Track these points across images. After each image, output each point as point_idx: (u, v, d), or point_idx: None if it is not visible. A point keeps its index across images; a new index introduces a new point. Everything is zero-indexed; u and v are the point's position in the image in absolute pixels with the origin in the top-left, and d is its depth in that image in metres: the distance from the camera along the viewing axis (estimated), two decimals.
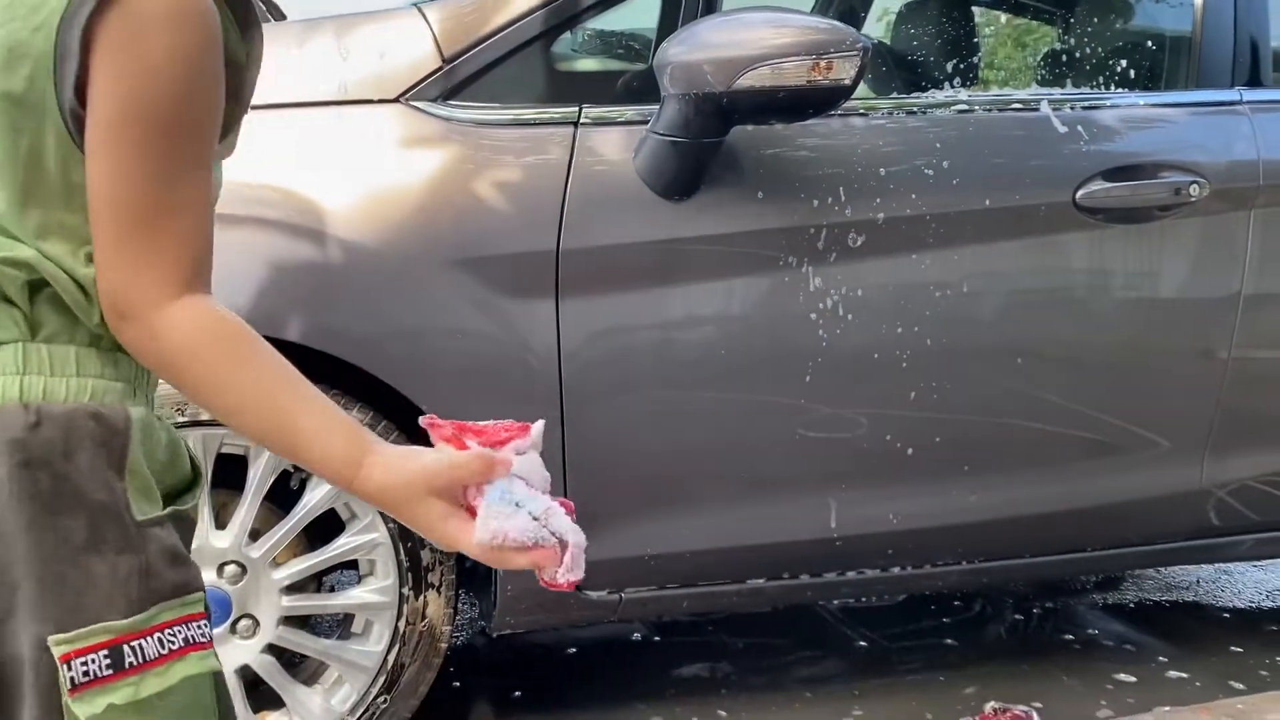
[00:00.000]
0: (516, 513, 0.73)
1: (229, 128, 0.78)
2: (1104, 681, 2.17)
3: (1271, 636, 2.44)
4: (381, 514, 1.67)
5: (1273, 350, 2.04)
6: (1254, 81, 2.01)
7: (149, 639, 0.75)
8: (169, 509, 0.79)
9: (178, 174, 0.72)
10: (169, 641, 0.76)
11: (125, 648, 0.73)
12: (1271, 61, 2.03)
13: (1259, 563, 2.75)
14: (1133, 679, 2.18)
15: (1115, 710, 2.04)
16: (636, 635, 2.36)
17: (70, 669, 0.71)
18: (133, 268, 0.71)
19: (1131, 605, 2.61)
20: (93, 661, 0.72)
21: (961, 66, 2.29)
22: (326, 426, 0.75)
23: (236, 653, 1.68)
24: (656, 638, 2.35)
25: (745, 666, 2.22)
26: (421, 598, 1.71)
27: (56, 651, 0.71)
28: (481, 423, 0.77)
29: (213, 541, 1.64)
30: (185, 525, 0.82)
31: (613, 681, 2.18)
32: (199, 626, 0.78)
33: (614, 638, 2.33)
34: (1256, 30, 2.01)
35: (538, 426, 0.78)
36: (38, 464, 0.72)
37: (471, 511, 0.75)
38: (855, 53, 1.53)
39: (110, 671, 0.73)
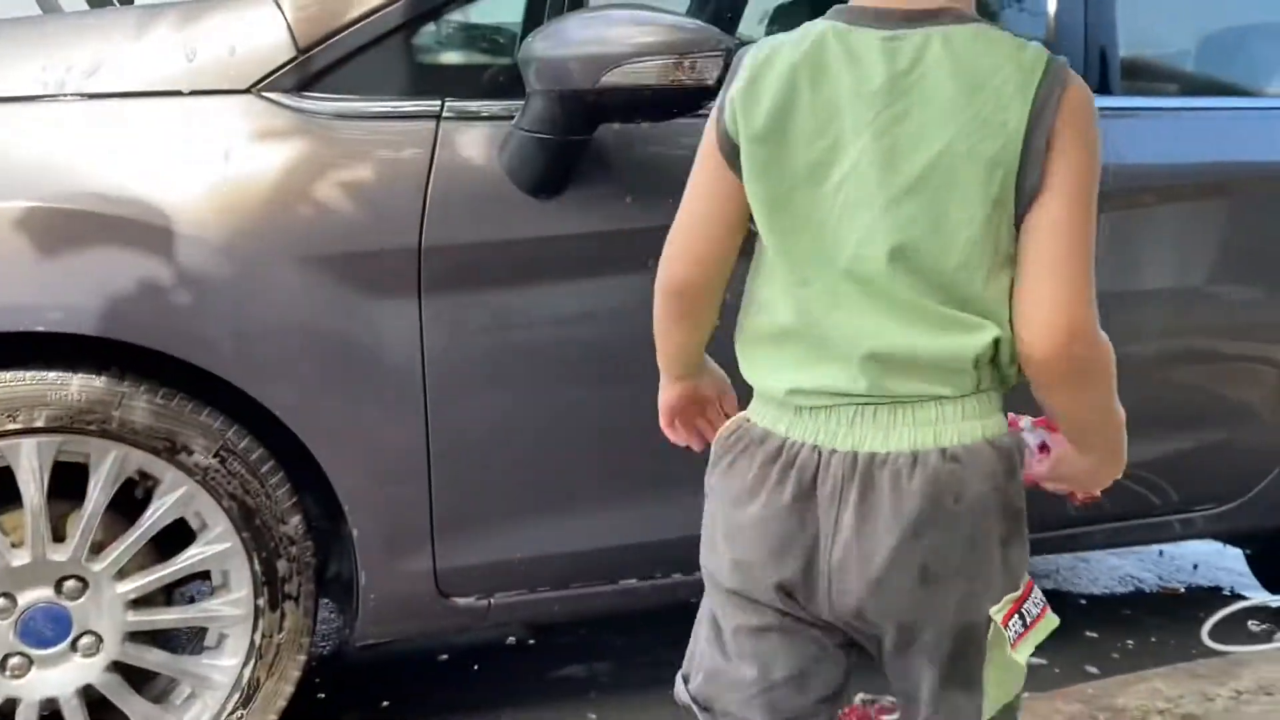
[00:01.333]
0: None
1: None
2: None
3: (1124, 620, 2.55)
4: (234, 524, 1.60)
5: (1123, 348, 2.12)
6: (1103, 89, 2.09)
7: (1027, 603, 1.03)
8: None
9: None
10: (1035, 604, 1.05)
11: (1022, 610, 1.03)
12: (1119, 70, 2.11)
13: (1113, 550, 2.87)
14: None
15: None
16: (512, 639, 2.32)
17: (1009, 629, 1.01)
18: (1088, 296, 0.99)
19: None
20: (1014, 623, 1.02)
21: None
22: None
23: (77, 672, 1.59)
24: (532, 640, 2.32)
25: (622, 665, 2.21)
26: (278, 609, 1.65)
27: (997, 617, 1.01)
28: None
29: (50, 555, 1.55)
30: None
31: (483, 687, 2.14)
32: (1037, 592, 1.07)
33: (489, 643, 2.30)
34: (1105, 40, 2.08)
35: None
36: (1001, 485, 1.01)
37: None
38: (718, 53, 1.53)
39: (1022, 629, 1.03)
